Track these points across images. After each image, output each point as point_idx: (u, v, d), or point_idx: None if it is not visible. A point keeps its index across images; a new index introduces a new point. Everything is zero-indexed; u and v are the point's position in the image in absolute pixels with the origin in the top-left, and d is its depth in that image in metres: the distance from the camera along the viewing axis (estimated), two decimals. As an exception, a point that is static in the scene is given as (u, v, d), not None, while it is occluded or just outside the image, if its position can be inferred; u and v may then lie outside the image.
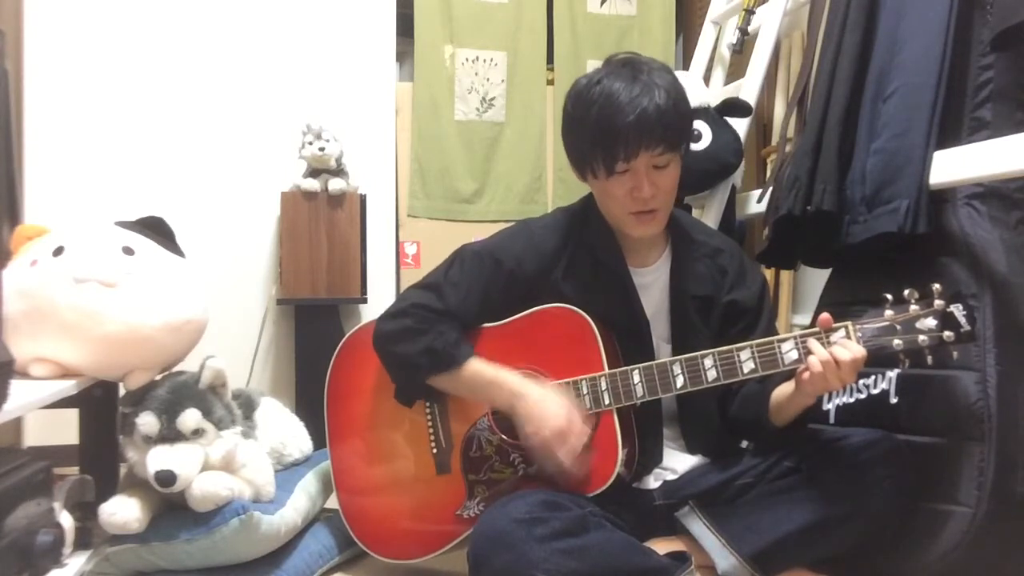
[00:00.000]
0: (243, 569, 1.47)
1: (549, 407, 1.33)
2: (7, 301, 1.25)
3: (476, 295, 1.46)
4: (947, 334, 1.19)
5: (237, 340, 2.51)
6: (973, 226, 1.45)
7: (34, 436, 2.22)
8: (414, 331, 1.43)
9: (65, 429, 1.64)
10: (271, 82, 2.65)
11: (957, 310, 1.19)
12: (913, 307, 1.21)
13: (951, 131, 1.49)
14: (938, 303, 1.20)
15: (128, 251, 1.46)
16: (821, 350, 1.22)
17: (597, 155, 1.35)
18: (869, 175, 1.55)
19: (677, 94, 1.35)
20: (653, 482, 1.47)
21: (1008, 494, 1.34)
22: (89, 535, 1.43)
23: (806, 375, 1.25)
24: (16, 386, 1.14)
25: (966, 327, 1.18)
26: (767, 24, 2.16)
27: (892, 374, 1.49)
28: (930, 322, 1.20)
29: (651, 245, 1.49)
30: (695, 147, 1.96)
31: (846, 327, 1.24)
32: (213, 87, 2.60)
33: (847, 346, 1.22)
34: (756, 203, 2.03)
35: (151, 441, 1.42)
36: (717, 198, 2.08)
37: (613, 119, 1.31)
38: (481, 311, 1.46)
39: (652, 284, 1.48)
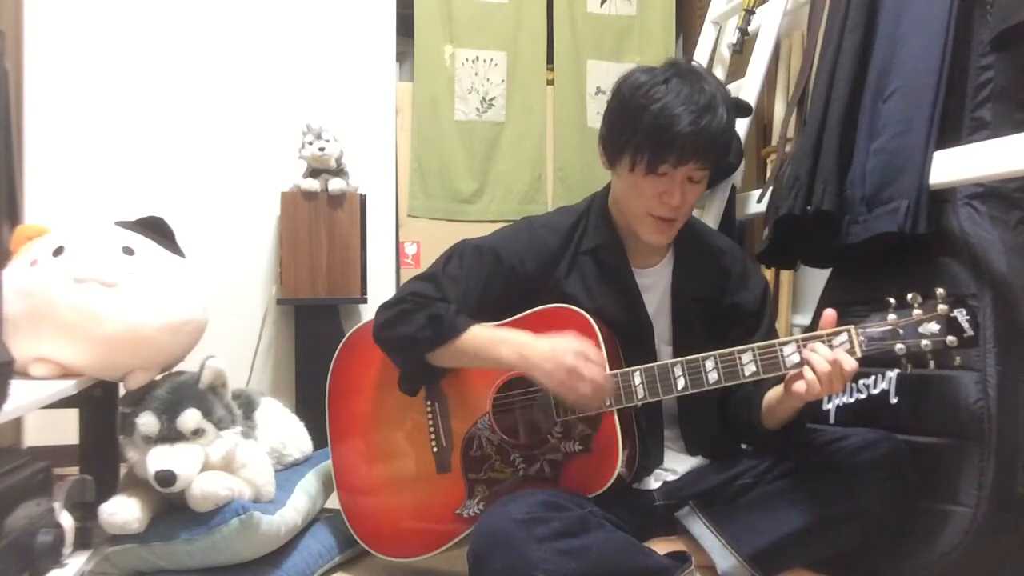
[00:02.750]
0: (243, 569, 1.47)
1: (557, 346, 1.31)
2: (7, 301, 1.25)
3: (475, 290, 1.45)
4: (950, 339, 1.18)
5: (237, 340, 2.51)
6: (973, 226, 1.45)
7: (34, 436, 2.22)
8: (412, 310, 1.42)
9: (65, 429, 1.64)
10: (271, 82, 2.65)
11: (960, 315, 1.18)
12: (916, 311, 1.20)
13: (951, 131, 1.49)
14: (941, 307, 1.19)
15: (128, 251, 1.46)
16: (816, 358, 1.21)
17: (644, 152, 1.34)
18: (869, 175, 1.55)
19: (732, 118, 1.39)
20: (653, 483, 1.47)
21: (1008, 494, 1.34)
22: (89, 535, 1.43)
23: (796, 382, 1.24)
24: (16, 386, 1.14)
25: (969, 332, 1.17)
26: (767, 24, 2.17)
27: (892, 374, 1.49)
28: (933, 326, 1.19)
29: (654, 246, 1.48)
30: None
31: (848, 331, 1.23)
32: (213, 87, 2.60)
33: (838, 355, 1.20)
34: (756, 203, 2.03)
35: (151, 441, 1.42)
36: (717, 198, 2.08)
37: (673, 124, 1.30)
38: (480, 306, 1.45)
39: (654, 285, 1.48)
